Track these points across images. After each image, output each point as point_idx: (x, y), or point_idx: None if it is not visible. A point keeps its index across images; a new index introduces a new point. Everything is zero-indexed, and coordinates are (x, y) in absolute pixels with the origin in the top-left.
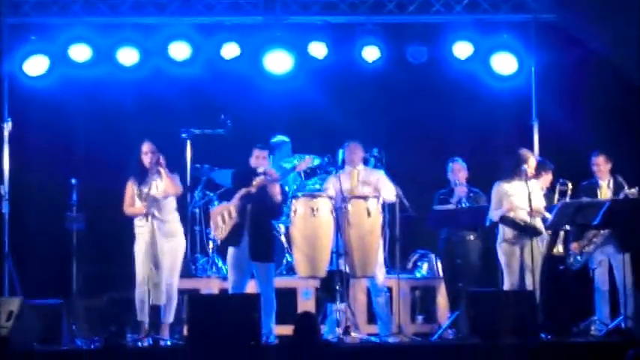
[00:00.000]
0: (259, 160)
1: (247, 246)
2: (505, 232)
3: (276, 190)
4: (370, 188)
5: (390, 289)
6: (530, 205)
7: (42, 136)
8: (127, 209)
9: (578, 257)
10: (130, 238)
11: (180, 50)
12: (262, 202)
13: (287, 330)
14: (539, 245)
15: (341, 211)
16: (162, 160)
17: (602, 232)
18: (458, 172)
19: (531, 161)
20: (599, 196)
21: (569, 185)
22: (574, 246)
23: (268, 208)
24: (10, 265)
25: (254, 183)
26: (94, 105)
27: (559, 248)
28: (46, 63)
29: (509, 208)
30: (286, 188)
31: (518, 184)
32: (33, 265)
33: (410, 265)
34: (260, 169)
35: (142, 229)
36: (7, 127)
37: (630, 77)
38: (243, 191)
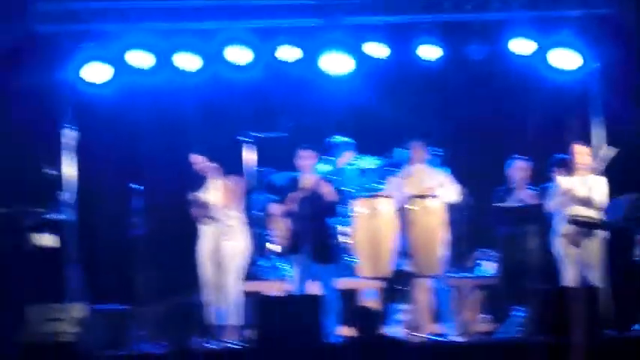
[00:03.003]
0: (304, 160)
1: (309, 249)
2: (562, 226)
3: (328, 189)
4: (433, 187)
5: (454, 288)
6: (587, 200)
7: (106, 143)
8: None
9: None
10: (194, 242)
11: (239, 54)
12: (317, 202)
13: (351, 331)
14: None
15: (404, 210)
16: (216, 172)
17: None
18: (519, 170)
19: (580, 155)
20: None
21: None
22: None
23: (324, 207)
24: (76, 271)
25: (304, 185)
26: (157, 111)
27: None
28: (108, 70)
29: (563, 203)
30: (342, 188)
31: (577, 179)
32: (99, 272)
33: (473, 263)
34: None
35: (205, 230)
36: (70, 134)
37: None
38: (296, 195)
